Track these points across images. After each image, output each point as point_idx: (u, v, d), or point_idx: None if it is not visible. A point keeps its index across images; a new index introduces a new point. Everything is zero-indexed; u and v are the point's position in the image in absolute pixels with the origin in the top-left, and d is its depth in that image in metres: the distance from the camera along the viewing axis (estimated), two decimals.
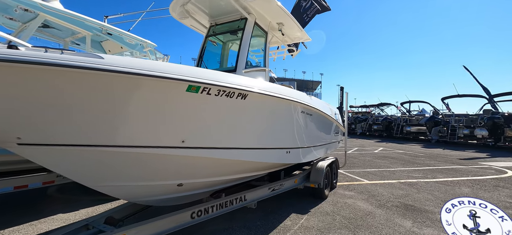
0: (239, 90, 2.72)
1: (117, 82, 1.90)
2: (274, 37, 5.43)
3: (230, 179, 3.65)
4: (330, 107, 6.59)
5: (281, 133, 3.84)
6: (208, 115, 2.60)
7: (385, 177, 7.60)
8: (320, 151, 5.60)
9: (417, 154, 12.85)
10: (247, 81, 3.01)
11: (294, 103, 3.96)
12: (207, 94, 2.42)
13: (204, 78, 2.33)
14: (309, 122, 4.69)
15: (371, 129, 25.34)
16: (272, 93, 3.36)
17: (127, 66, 1.85)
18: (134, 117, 2.14)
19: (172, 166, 2.64)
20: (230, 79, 2.69)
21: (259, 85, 3.15)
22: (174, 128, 2.41)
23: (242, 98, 2.81)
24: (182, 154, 2.56)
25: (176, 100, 2.27)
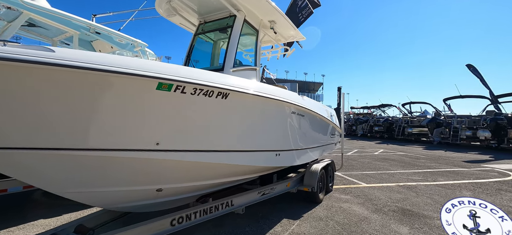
0: (219, 88, 2.54)
1: (72, 79, 1.74)
2: (266, 35, 5.26)
3: (216, 183, 3.48)
4: (326, 108, 6.41)
5: (269, 134, 3.66)
6: (184, 116, 2.43)
7: (383, 180, 7.38)
8: (315, 153, 5.41)
9: (418, 156, 12.60)
10: (231, 80, 2.84)
11: (283, 104, 3.78)
12: (182, 93, 2.25)
13: (176, 75, 2.16)
14: (301, 124, 4.50)
15: (372, 131, 25.06)
16: (258, 92, 3.19)
17: (81, 60, 1.69)
18: (98, 118, 1.97)
19: (147, 170, 2.47)
20: (208, 76, 2.51)
21: (242, 84, 2.97)
22: (147, 130, 2.24)
23: (223, 98, 2.64)
24: (157, 157, 2.39)
25: (146, 100, 2.10)
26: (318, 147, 5.59)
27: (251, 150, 3.38)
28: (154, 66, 2.08)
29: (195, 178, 3.01)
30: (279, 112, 3.79)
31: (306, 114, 4.61)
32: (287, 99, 3.85)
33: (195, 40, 4.57)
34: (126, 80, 1.91)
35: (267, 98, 3.43)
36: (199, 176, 3.02)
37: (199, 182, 3.15)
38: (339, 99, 8.39)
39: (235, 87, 2.73)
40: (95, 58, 1.83)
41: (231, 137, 3.00)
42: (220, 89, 2.54)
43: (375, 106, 28.82)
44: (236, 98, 2.81)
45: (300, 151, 4.58)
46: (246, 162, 3.36)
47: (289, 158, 4.24)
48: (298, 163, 4.56)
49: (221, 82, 2.59)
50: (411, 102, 23.57)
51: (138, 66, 1.95)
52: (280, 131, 3.90)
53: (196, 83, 2.30)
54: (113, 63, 1.82)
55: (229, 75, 3.58)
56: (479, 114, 19.18)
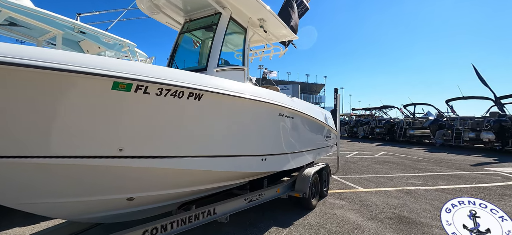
0: (191, 89, 2.33)
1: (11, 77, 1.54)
2: (256, 34, 5.05)
3: (197, 190, 3.26)
4: (321, 111, 6.17)
5: (253, 138, 3.44)
6: (151, 119, 2.21)
7: (381, 184, 7.11)
8: (308, 157, 5.17)
9: (420, 159, 12.29)
10: (205, 79, 2.62)
11: (269, 106, 3.57)
12: (145, 93, 2.04)
13: (135, 73, 1.94)
14: (291, 126, 4.28)
15: (373, 132, 24.72)
16: (239, 93, 2.97)
17: (20, 56, 1.48)
18: (46, 122, 1.77)
19: (112, 178, 2.26)
20: (177, 76, 2.30)
21: (221, 85, 2.76)
22: (106, 135, 2.03)
23: (196, 99, 2.42)
24: (121, 164, 2.18)
25: (101, 101, 1.89)
26: (312, 151, 5.36)
27: (233, 155, 3.16)
28: (111, 64, 1.86)
29: (170, 185, 2.79)
30: (265, 115, 3.57)
31: (297, 117, 4.39)
32: (273, 100, 3.63)
33: (179, 39, 4.38)
34: (75, 79, 1.71)
35: (250, 100, 3.22)
36: (175, 183, 2.80)
37: (176, 189, 2.94)
38: (336, 100, 8.16)
39: (209, 88, 2.51)
40: (41, 54, 1.63)
41: (208, 142, 2.79)
42: (191, 89, 2.33)
43: (376, 108, 28.47)
44: (211, 99, 2.60)
45: (290, 155, 4.35)
46: (228, 168, 3.14)
47: (277, 163, 4.01)
48: (288, 167, 4.33)
49: (192, 81, 2.37)
50: (413, 104, 23.21)
51: (90, 63, 1.74)
52: (266, 135, 3.68)
53: (161, 83, 2.09)
54: (60, 60, 1.62)
55: (211, 75, 3.38)
56: (482, 116, 18.79)
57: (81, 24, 5.24)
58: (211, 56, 3.73)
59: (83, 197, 2.26)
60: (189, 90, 2.32)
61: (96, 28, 5.53)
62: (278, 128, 3.90)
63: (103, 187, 2.29)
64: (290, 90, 62.23)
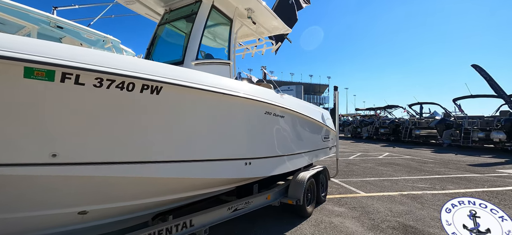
0: (145, 80, 1.92)
1: None
2: (245, 27, 4.64)
3: (165, 201, 2.83)
4: (318, 110, 5.72)
5: (234, 139, 3.02)
6: (91, 117, 1.81)
7: (385, 188, 6.61)
8: (302, 160, 4.72)
9: (426, 160, 11.69)
10: (163, 69, 2.19)
11: (252, 102, 3.14)
12: (78, 84, 1.64)
13: (60, 58, 1.53)
14: (281, 126, 3.85)
15: (377, 133, 24.05)
16: (213, 88, 2.55)
17: None
18: None
19: (45, 190, 1.86)
20: (120, 63, 1.88)
21: (189, 77, 2.34)
22: (32, 138, 1.64)
23: (153, 92, 2.01)
24: (56, 173, 1.78)
25: (11, 93, 1.49)
26: (307, 153, 4.91)
27: (208, 159, 2.74)
28: (22, 44, 1.44)
29: (131, 196, 2.38)
30: (248, 113, 3.15)
31: (288, 115, 3.96)
32: (258, 97, 3.21)
33: (159, 31, 3.99)
34: None
35: (229, 96, 2.80)
36: (135, 194, 2.39)
37: (140, 200, 2.53)
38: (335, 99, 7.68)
39: (170, 79, 2.09)
40: None
41: (174, 144, 2.37)
42: (145, 81, 1.92)
43: (381, 108, 27.75)
44: (175, 94, 2.19)
45: (281, 158, 3.92)
46: (202, 175, 2.72)
47: (264, 167, 3.58)
48: (278, 172, 3.89)
49: (146, 71, 1.96)
50: (418, 103, 22.49)
51: None
52: (250, 135, 3.25)
53: (100, 71, 1.68)
54: None
55: (188, 68, 2.98)
56: (492, 115, 18.02)
57: (57, 18, 4.90)
58: (189, 47, 3.33)
59: (15, 213, 1.87)
60: (142, 82, 1.91)
61: (76, 23, 5.18)
62: (265, 128, 3.47)
63: (37, 200, 1.89)
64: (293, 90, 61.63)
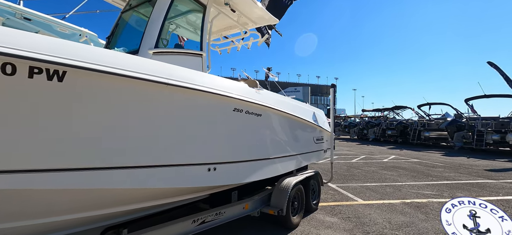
0: (34, 61, 1.47)
1: None
2: (224, 15, 4.18)
3: (114, 213, 2.39)
4: (309, 108, 5.20)
5: (193, 141, 2.56)
6: None
7: (386, 195, 6.01)
8: (287, 164, 4.21)
9: (435, 164, 10.93)
10: (72, 49, 1.72)
11: (216, 97, 2.67)
12: None
13: None
14: (258, 126, 3.36)
15: (384, 135, 23.15)
16: (165, 79, 2.10)
17: None
18: None
19: None
20: None
21: (114, 61, 1.89)
22: None
23: (53, 78, 1.56)
24: None
25: None
26: (294, 156, 4.40)
27: (157, 165, 2.28)
28: None
29: (58, 211, 1.95)
30: (210, 110, 2.68)
31: (266, 114, 3.47)
32: (223, 91, 2.73)
33: (122, 18, 3.58)
34: None
35: (184, 88, 2.34)
36: (65, 207, 1.96)
37: (73, 214, 2.09)
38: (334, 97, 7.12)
39: (78, 62, 1.63)
40: None
41: (114, 147, 1.93)
42: (34, 61, 1.47)
43: (388, 109, 26.76)
44: (111, 84, 1.76)
45: (258, 162, 3.42)
46: (151, 184, 2.27)
47: (234, 173, 3.09)
48: (254, 178, 3.39)
49: (43, 51, 1.51)
50: (428, 103, 21.48)
51: None
52: (214, 137, 2.78)
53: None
54: None
55: (145, 58, 2.54)
56: (508, 116, 16.94)
57: (23, 8, 4.57)
58: (146, 33, 2.90)
59: None
60: (29, 64, 1.46)
61: (47, 16, 4.85)
62: (234, 128, 2.99)
63: None
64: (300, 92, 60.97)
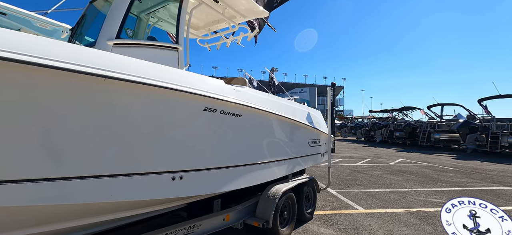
0: None
1: None
2: (206, 6, 3.82)
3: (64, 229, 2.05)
4: (303, 108, 4.77)
5: (152, 145, 2.19)
6: None
7: (390, 203, 5.51)
8: (275, 170, 3.80)
9: (445, 168, 10.28)
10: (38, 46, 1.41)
11: (182, 95, 2.30)
12: None
13: None
14: (237, 128, 2.97)
15: (392, 136, 22.36)
16: (96, 69, 1.75)
17: None
18: None
19: None
20: None
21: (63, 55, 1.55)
22: None
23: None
24: None
25: None
26: (283, 161, 3.99)
27: (106, 174, 1.93)
28: None
29: None
30: (175, 109, 2.31)
31: (247, 114, 3.08)
32: (192, 88, 2.35)
33: (91, 8, 3.27)
34: None
35: (139, 84, 1.98)
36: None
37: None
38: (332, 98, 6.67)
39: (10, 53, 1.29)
40: None
41: (35, 155, 1.58)
42: None
43: (396, 109, 25.88)
44: (34, 76, 1.42)
45: (237, 169, 3.03)
46: (96, 197, 1.91)
47: (208, 182, 2.71)
48: (231, 188, 2.99)
49: None
50: (438, 104, 20.59)
51: None
52: (181, 140, 2.41)
53: None
54: None
55: (105, 51, 2.20)
56: None
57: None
58: (106, 22, 2.57)
59: None
60: None
61: (24, 10, 4.59)
62: (206, 130, 2.61)
63: None
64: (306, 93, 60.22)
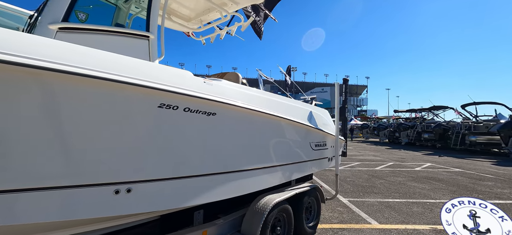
0: None
1: None
2: None
3: None
4: (303, 106, 4.12)
5: (82, 151, 1.75)
6: None
7: (411, 217, 4.69)
8: (264, 179, 3.22)
9: (482, 176, 8.96)
10: None
11: (129, 88, 1.84)
12: None
13: None
14: (210, 129, 2.46)
15: (420, 138, 20.55)
16: (32, 60, 1.34)
17: None
18: None
19: None
20: None
21: None
22: None
23: None
24: None
25: None
26: (276, 167, 3.40)
27: (18, 189, 1.53)
28: None
29: None
30: (119, 105, 1.85)
31: (224, 112, 2.55)
32: (138, 80, 1.88)
33: None
34: None
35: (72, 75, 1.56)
36: None
37: None
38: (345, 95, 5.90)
39: None
40: None
41: None
42: None
43: (424, 109, 23.77)
44: None
45: (210, 177, 2.52)
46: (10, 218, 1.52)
47: (167, 194, 2.22)
48: (199, 201, 2.45)
49: None
50: (474, 103, 18.49)
51: None
52: (127, 144, 1.95)
53: None
54: None
55: (46, 37, 1.83)
56: None
57: None
58: (49, 4, 2.19)
59: None
60: None
61: (14, 6, 4.48)
62: (165, 131, 2.13)
63: None
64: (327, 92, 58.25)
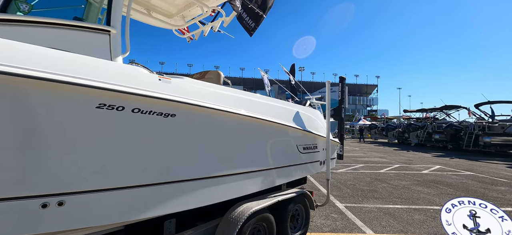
0: None
1: None
2: None
3: None
4: (290, 107, 3.83)
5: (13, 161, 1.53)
6: None
7: (411, 226, 4.30)
8: (243, 185, 2.96)
9: (496, 180, 8.36)
10: None
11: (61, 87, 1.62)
12: None
13: None
14: (168, 132, 2.22)
15: (431, 139, 19.74)
16: None
17: None
18: None
19: None
20: None
21: None
22: None
23: None
24: None
25: None
26: (256, 173, 3.13)
27: None
28: None
29: None
30: (44, 106, 1.63)
31: (184, 113, 2.30)
32: (73, 78, 1.65)
33: None
34: None
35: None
36: None
37: None
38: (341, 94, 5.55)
39: None
40: None
41: None
42: None
43: (435, 109, 22.84)
44: None
45: (164, 186, 2.26)
46: None
47: (106, 207, 1.95)
48: (153, 214, 2.19)
49: None
50: (489, 102, 17.57)
51: None
52: (59, 150, 1.72)
53: None
54: None
55: None
56: None
57: None
58: None
59: None
60: None
61: None
62: (107, 136, 1.89)
63: None
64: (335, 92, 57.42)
